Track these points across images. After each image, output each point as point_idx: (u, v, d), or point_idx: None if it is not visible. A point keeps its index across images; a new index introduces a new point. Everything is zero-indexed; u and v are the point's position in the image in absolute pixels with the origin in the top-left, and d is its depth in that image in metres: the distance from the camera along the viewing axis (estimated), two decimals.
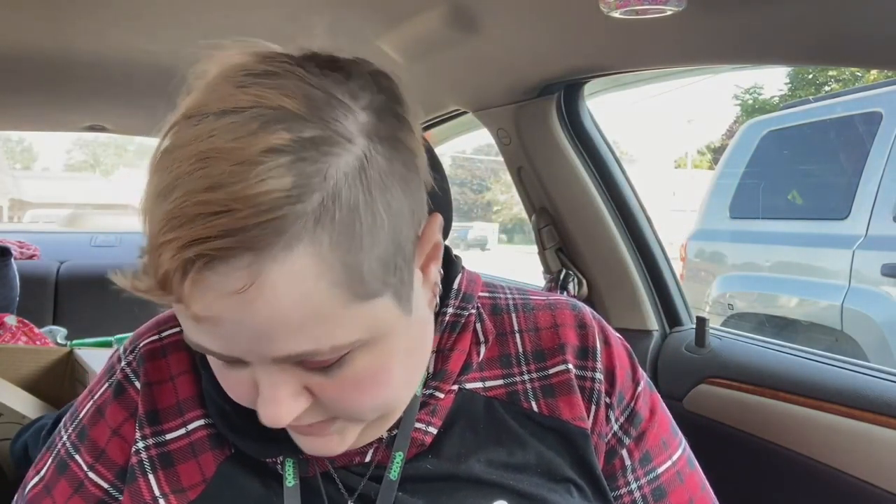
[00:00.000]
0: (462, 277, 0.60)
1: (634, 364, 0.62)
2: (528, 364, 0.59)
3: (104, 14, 1.15)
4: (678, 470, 0.61)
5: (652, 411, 0.61)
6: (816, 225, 3.14)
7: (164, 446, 0.54)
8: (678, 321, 1.27)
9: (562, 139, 1.24)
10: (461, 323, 0.57)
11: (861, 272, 2.84)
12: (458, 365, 0.56)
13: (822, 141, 3.30)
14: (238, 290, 0.38)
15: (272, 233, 0.38)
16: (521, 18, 0.96)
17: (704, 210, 3.79)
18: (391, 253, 0.43)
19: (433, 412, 0.55)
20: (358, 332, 0.43)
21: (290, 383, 0.44)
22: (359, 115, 0.43)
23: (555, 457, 0.56)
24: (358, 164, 0.41)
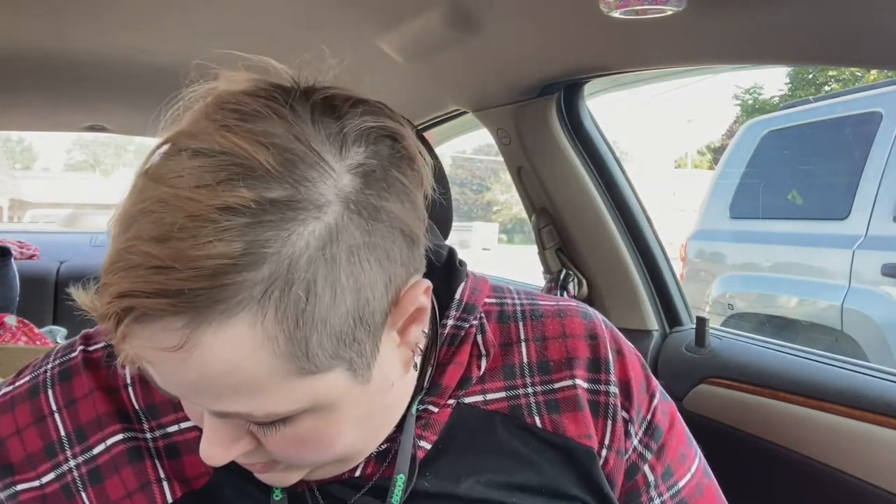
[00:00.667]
0: (465, 287, 0.57)
1: (648, 374, 0.60)
2: (532, 376, 0.56)
3: (104, 14, 1.15)
4: (697, 482, 0.60)
5: (671, 423, 0.59)
6: (816, 225, 3.14)
7: (169, 437, 0.53)
8: (678, 321, 1.27)
9: (562, 139, 1.24)
10: (461, 336, 0.55)
11: (861, 272, 2.84)
12: (455, 379, 0.54)
13: (822, 141, 3.30)
14: (168, 348, 0.37)
15: (210, 300, 0.36)
16: (521, 18, 0.96)
17: (704, 210, 3.79)
18: (349, 328, 0.40)
19: (426, 426, 0.53)
20: (298, 404, 0.41)
21: (231, 429, 0.43)
22: (341, 177, 0.39)
23: (559, 475, 0.53)
24: (325, 234, 0.38)
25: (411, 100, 1.48)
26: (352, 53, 0.47)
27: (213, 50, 0.47)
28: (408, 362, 0.48)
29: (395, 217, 0.42)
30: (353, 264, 0.39)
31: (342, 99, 0.43)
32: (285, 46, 1.36)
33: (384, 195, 0.41)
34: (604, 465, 0.55)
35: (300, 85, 0.43)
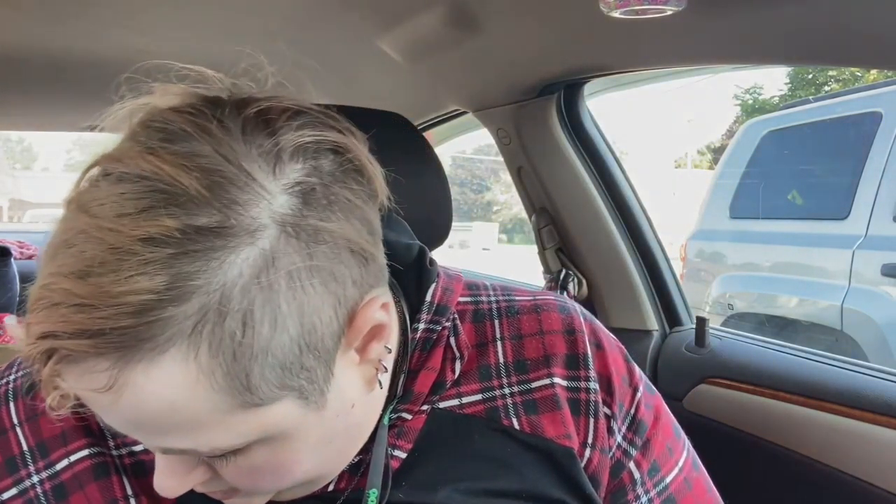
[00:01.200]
0: (436, 288, 0.54)
1: (631, 367, 0.58)
2: (509, 376, 0.54)
3: (104, 14, 1.15)
4: (685, 476, 0.58)
5: (656, 416, 0.57)
6: (816, 225, 3.14)
7: (135, 456, 0.52)
8: (678, 321, 1.27)
9: (562, 139, 1.24)
10: (433, 339, 0.53)
11: (861, 272, 2.84)
12: (427, 385, 0.52)
13: (822, 141, 3.30)
14: (97, 389, 0.35)
15: (135, 338, 0.34)
16: (521, 18, 0.96)
17: (704, 210, 3.79)
18: (295, 356, 0.38)
19: (400, 435, 0.51)
20: (246, 437, 0.39)
21: (185, 460, 0.42)
22: (276, 198, 0.37)
23: (539, 478, 0.52)
24: (260, 261, 0.35)
25: (411, 100, 1.48)
26: (352, 53, 0.47)
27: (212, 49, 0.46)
28: (371, 380, 0.46)
29: (341, 237, 0.39)
30: (294, 290, 0.37)
31: (278, 111, 0.40)
32: (285, 46, 1.36)
33: (326, 215, 0.39)
34: (587, 465, 0.54)
35: (233, 97, 0.40)
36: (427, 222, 1.10)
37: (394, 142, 1.08)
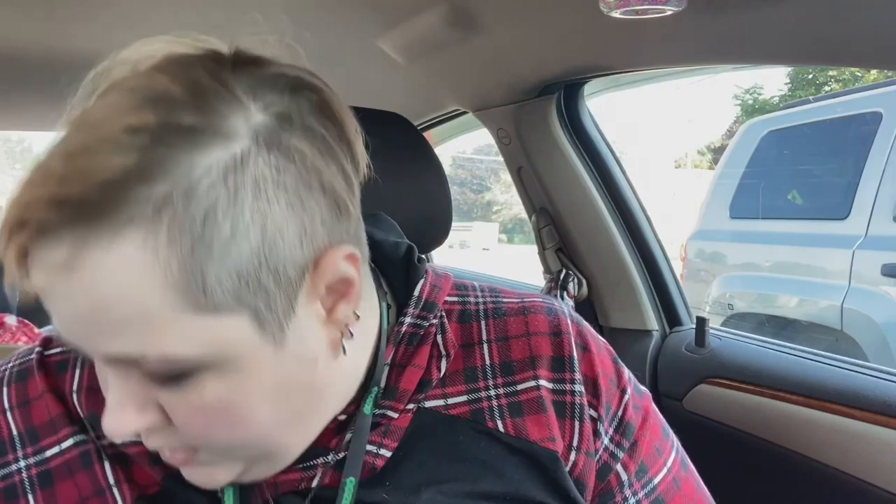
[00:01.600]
0: (425, 284, 0.54)
1: (619, 368, 0.58)
2: (494, 378, 0.54)
3: (104, 14, 1.15)
4: (674, 476, 0.58)
5: (644, 417, 0.57)
6: (816, 225, 3.14)
7: (117, 447, 0.51)
8: (678, 321, 1.27)
9: (562, 139, 1.24)
10: (420, 335, 0.52)
11: (861, 272, 2.84)
12: (414, 382, 0.51)
13: (822, 141, 3.30)
14: (56, 264, 0.36)
15: (99, 211, 0.35)
16: (521, 18, 0.96)
17: (704, 210, 3.79)
18: (254, 269, 0.38)
19: (385, 433, 0.50)
20: (196, 348, 0.38)
21: (136, 394, 0.41)
22: (254, 115, 0.39)
23: (524, 481, 0.51)
24: (230, 163, 0.37)
25: (411, 100, 1.48)
26: (352, 53, 0.47)
27: None
28: (336, 343, 0.45)
29: (313, 166, 0.40)
30: (259, 200, 0.38)
31: (268, 60, 0.43)
32: (285, 46, 1.36)
33: (300, 139, 0.40)
34: (572, 468, 0.53)
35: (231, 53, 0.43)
36: (427, 222, 1.10)
37: (394, 142, 1.08)
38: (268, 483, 0.49)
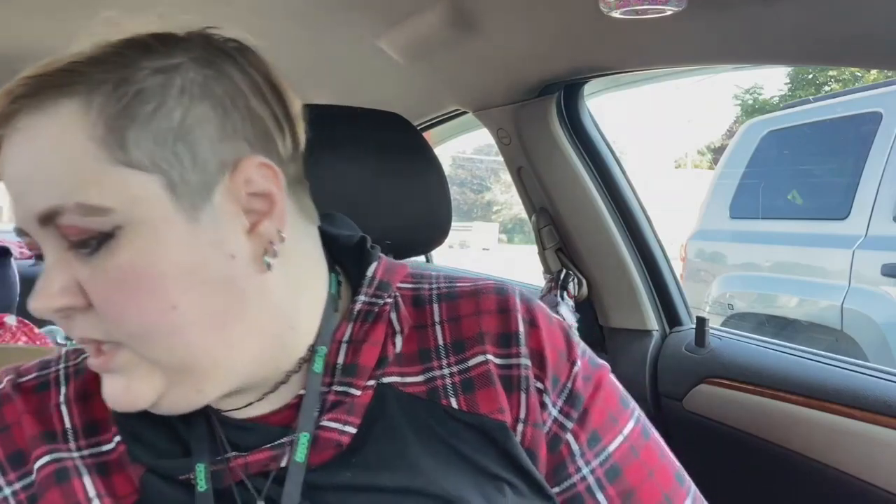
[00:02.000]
0: (378, 266, 0.57)
1: (571, 343, 0.58)
2: (447, 357, 0.56)
3: None
4: (632, 444, 0.58)
5: (595, 388, 0.57)
6: (816, 225, 3.14)
7: (100, 456, 0.53)
8: (678, 321, 1.27)
9: (562, 139, 1.24)
10: (374, 312, 0.55)
11: (861, 272, 2.84)
12: (373, 359, 0.53)
13: (822, 141, 3.30)
14: (12, 126, 0.45)
15: (51, 84, 0.44)
16: (521, 18, 0.96)
17: (704, 210, 3.79)
18: (170, 140, 0.45)
19: (349, 410, 0.52)
20: (110, 199, 0.43)
21: (62, 274, 0.45)
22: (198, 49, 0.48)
23: (480, 457, 0.53)
24: (166, 66, 0.46)
25: (411, 100, 1.48)
26: (352, 53, 0.48)
27: None
28: (258, 258, 0.48)
29: (240, 92, 0.48)
30: (184, 95, 0.45)
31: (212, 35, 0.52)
32: (285, 46, 1.36)
33: (234, 71, 0.48)
34: (522, 440, 0.54)
35: None
36: (426, 222, 1.10)
37: (393, 142, 1.08)
38: (237, 464, 0.50)
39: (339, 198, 1.03)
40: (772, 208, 3.41)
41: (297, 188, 0.53)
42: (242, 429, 0.53)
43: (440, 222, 1.10)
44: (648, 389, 1.23)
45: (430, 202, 1.09)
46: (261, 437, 0.52)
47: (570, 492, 0.56)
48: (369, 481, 0.51)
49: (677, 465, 0.60)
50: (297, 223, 0.52)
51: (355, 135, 1.05)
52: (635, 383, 1.25)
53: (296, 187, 0.53)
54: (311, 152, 1.08)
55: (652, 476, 0.58)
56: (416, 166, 1.08)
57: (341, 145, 1.04)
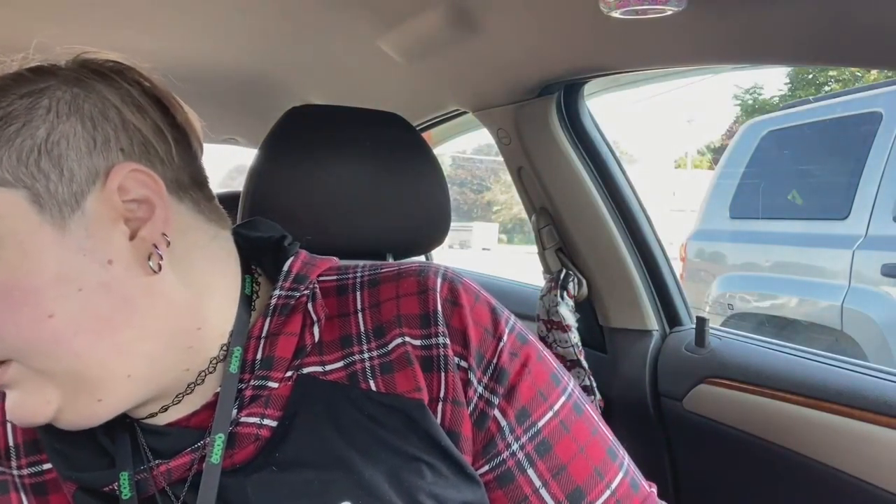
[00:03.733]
0: (295, 260, 0.58)
1: (497, 318, 0.58)
2: (368, 342, 0.56)
3: (105, 15, 1.15)
4: (562, 419, 0.57)
5: (523, 364, 0.57)
6: (816, 225, 3.15)
7: (39, 476, 0.53)
8: (678, 321, 1.27)
9: (562, 139, 1.24)
10: (291, 305, 0.55)
11: (861, 272, 2.84)
12: (289, 350, 0.54)
13: (822, 141, 3.30)
14: None
15: None
16: (521, 18, 0.96)
17: (704, 210, 3.79)
18: (34, 156, 0.46)
19: (267, 403, 0.52)
20: None
21: None
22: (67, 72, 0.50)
23: (400, 440, 0.53)
24: (33, 90, 0.47)
25: (411, 100, 1.48)
26: (352, 53, 0.47)
27: (213, 50, 0.49)
28: (142, 262, 0.49)
29: (113, 106, 0.49)
30: (51, 113, 0.47)
31: None
32: (285, 46, 1.37)
33: (106, 88, 0.50)
34: (442, 419, 0.54)
35: None
36: (426, 222, 1.10)
37: (393, 142, 1.08)
38: (160, 471, 0.51)
39: (339, 198, 1.03)
40: (772, 208, 3.41)
41: (195, 193, 0.53)
42: (163, 434, 0.53)
43: (440, 222, 1.11)
44: (648, 389, 1.23)
45: (429, 202, 1.09)
46: (181, 441, 0.52)
47: (500, 468, 0.55)
48: (292, 476, 0.51)
49: (610, 441, 0.60)
50: (194, 226, 0.53)
51: (355, 135, 1.05)
52: (635, 383, 1.25)
53: (191, 192, 0.53)
54: (312, 152, 1.08)
55: (583, 451, 0.57)
56: (415, 166, 1.08)
57: (341, 145, 1.05)
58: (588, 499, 0.56)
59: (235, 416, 0.51)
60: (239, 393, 0.52)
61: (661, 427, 1.21)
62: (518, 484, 0.55)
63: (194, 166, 0.54)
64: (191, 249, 0.52)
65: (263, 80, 1.53)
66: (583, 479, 0.56)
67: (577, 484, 0.56)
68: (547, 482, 0.55)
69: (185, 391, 0.53)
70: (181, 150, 0.52)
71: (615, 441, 0.60)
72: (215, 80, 1.54)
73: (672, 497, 1.19)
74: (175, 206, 0.51)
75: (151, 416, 0.53)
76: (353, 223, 1.02)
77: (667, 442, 1.20)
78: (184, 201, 0.52)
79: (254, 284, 0.57)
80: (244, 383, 0.52)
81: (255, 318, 0.55)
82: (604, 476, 0.57)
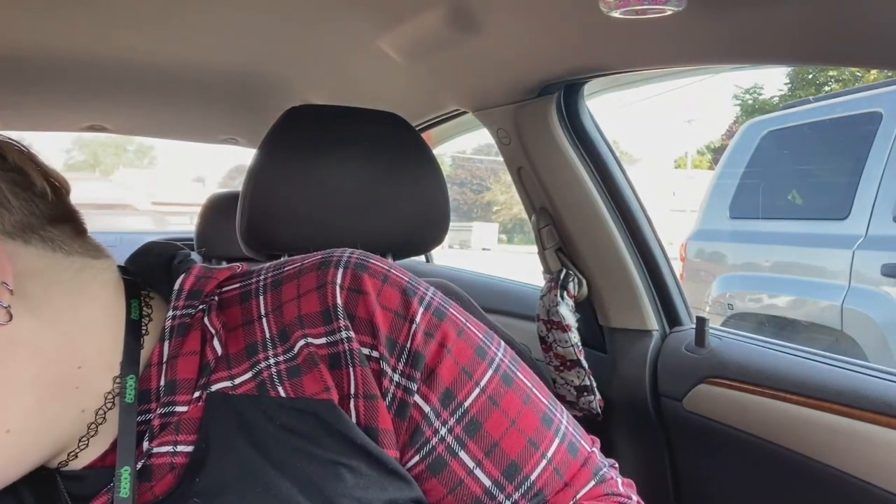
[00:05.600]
0: (186, 277, 0.56)
1: (409, 299, 0.54)
2: (274, 348, 0.53)
3: (104, 14, 1.15)
4: (490, 395, 0.54)
5: (441, 343, 0.54)
6: (816, 225, 3.15)
7: None
8: (678, 321, 1.27)
9: (562, 139, 1.24)
10: (187, 324, 0.53)
11: (861, 272, 2.84)
12: (192, 370, 0.52)
13: (822, 141, 3.31)
14: None
15: None
16: (521, 18, 0.96)
17: (704, 210, 3.79)
18: None
19: (178, 429, 0.50)
20: None
21: None
22: None
23: (314, 445, 0.50)
24: None
25: (411, 100, 1.48)
26: (352, 53, 0.47)
27: (212, 49, 0.48)
28: None
29: None
30: None
31: None
32: (285, 46, 1.36)
33: None
34: (357, 418, 0.52)
35: None
36: (425, 222, 1.10)
37: (392, 142, 1.08)
38: None
39: (338, 198, 1.03)
40: (771, 208, 3.42)
41: (50, 231, 0.51)
42: (81, 479, 0.51)
43: (439, 222, 1.11)
44: (648, 389, 1.23)
45: (428, 202, 1.09)
46: (97, 483, 0.50)
47: (431, 456, 0.53)
48: (216, 498, 0.49)
49: (545, 407, 0.57)
50: (51, 265, 0.51)
51: (355, 135, 1.06)
52: (635, 383, 1.25)
53: (43, 232, 0.51)
54: (311, 152, 1.08)
55: (514, 424, 0.54)
56: (415, 166, 1.08)
57: (341, 145, 1.05)
58: (524, 472, 0.53)
59: (148, 447, 0.50)
60: (148, 424, 0.51)
61: (661, 427, 1.21)
62: (451, 469, 0.53)
63: (45, 205, 0.52)
64: (50, 289, 0.50)
65: (263, 80, 1.53)
66: (517, 453, 0.54)
67: (511, 458, 0.53)
68: (480, 462, 0.53)
69: (87, 433, 0.51)
70: (19, 192, 0.50)
71: (552, 404, 0.57)
72: (215, 80, 1.54)
73: (672, 497, 1.19)
74: (21, 251, 0.49)
75: (67, 463, 0.52)
76: (352, 223, 1.02)
77: (667, 442, 1.20)
78: (31, 243, 0.50)
79: (143, 309, 0.55)
80: (151, 413, 0.51)
81: (153, 344, 0.53)
82: (538, 446, 0.54)
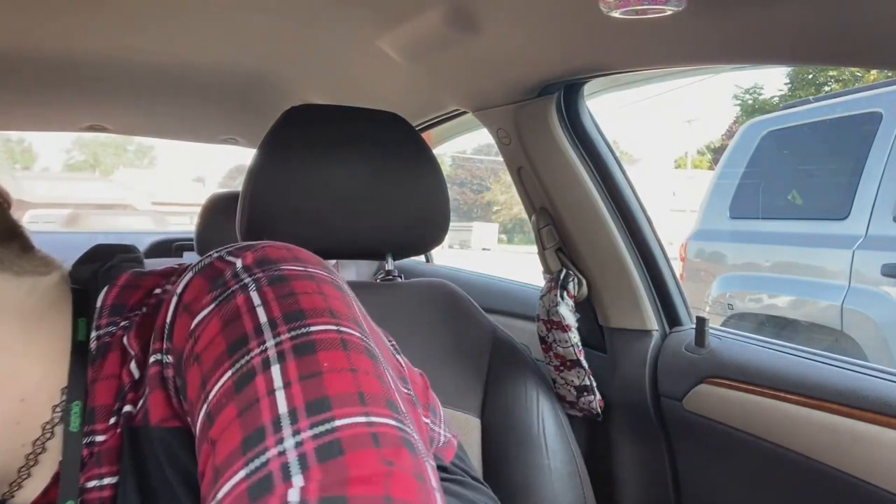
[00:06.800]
0: (110, 290, 0.50)
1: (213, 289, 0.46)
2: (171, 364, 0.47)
3: (104, 14, 1.15)
4: (235, 381, 0.41)
5: (211, 339, 0.44)
6: (816, 225, 3.14)
7: None
8: (678, 321, 1.27)
9: (562, 139, 1.24)
10: (107, 343, 0.48)
11: (861, 272, 2.84)
12: (110, 395, 0.47)
13: (822, 141, 3.30)
14: None
15: None
16: (521, 18, 0.96)
17: (704, 210, 3.79)
18: None
19: (99, 460, 0.46)
20: None
21: None
22: None
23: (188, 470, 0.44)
24: None
25: (411, 100, 1.48)
26: (352, 53, 0.47)
27: (212, 49, 0.47)
28: None
29: None
30: None
31: None
32: (285, 46, 1.36)
33: None
34: (196, 448, 0.43)
35: None
36: (425, 222, 1.10)
37: (392, 142, 1.08)
38: None
39: (338, 198, 1.03)
40: (771, 208, 3.41)
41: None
42: None
43: (439, 222, 1.11)
44: (648, 389, 1.23)
45: (428, 202, 1.09)
46: None
47: None
48: None
49: (253, 429, 0.40)
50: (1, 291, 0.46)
51: (355, 135, 1.06)
52: (635, 383, 1.25)
53: None
54: (311, 152, 1.08)
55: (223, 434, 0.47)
56: (415, 166, 1.08)
57: (341, 145, 1.05)
58: None
59: (81, 482, 0.46)
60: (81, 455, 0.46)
61: (661, 427, 1.21)
62: None
63: None
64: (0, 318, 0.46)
65: (263, 80, 1.53)
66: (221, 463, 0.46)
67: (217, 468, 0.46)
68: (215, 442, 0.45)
69: (27, 463, 0.47)
70: None
71: (273, 423, 0.39)
72: (215, 80, 1.54)
73: (672, 497, 1.19)
74: None
75: (12, 494, 0.48)
76: (352, 223, 1.02)
77: (667, 442, 1.20)
78: None
79: (89, 327, 0.49)
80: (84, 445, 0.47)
81: None
82: None
